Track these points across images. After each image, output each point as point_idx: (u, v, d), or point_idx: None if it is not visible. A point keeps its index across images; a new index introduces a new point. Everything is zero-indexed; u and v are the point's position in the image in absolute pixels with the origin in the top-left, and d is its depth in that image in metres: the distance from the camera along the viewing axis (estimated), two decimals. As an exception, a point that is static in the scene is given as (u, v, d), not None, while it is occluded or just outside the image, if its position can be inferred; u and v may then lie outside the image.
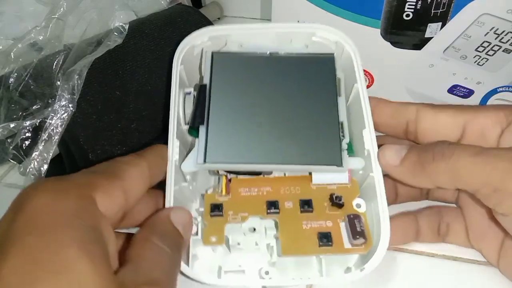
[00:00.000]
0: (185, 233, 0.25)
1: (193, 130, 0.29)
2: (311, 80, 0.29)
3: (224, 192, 0.28)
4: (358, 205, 0.27)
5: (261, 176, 0.29)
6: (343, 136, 0.28)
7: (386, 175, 0.28)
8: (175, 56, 0.30)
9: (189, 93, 0.30)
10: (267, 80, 0.29)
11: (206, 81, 0.29)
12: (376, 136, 0.28)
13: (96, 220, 0.19)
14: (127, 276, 0.19)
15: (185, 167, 0.28)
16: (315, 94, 0.29)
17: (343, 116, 0.29)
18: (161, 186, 0.27)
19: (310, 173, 0.28)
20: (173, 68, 0.30)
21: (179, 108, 0.29)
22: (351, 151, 0.29)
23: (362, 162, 0.28)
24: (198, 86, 0.29)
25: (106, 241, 0.19)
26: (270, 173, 0.29)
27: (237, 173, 0.29)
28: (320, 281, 0.27)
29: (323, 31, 0.31)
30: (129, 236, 0.24)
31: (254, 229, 0.28)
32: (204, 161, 0.27)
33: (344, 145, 0.28)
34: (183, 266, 0.26)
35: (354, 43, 0.30)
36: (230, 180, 0.29)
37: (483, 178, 0.23)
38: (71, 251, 0.17)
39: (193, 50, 0.31)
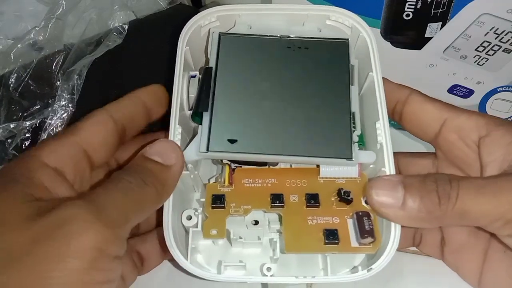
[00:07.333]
0: (166, 159, 0.24)
1: (197, 116, 0.27)
2: (323, 66, 0.28)
3: (226, 183, 0.27)
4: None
5: (266, 167, 0.28)
6: (354, 127, 0.27)
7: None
8: (180, 36, 0.29)
9: (194, 76, 0.29)
10: (277, 65, 0.28)
11: (212, 64, 0.28)
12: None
13: (29, 170, 0.22)
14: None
15: (187, 155, 0.26)
16: (327, 81, 0.28)
17: (355, 107, 0.27)
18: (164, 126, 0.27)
19: (318, 166, 0.27)
20: (178, 49, 0.28)
21: (183, 92, 0.28)
22: (362, 143, 0.28)
23: (373, 156, 0.27)
24: (203, 69, 0.28)
25: (34, 182, 0.22)
26: (276, 164, 0.28)
27: (241, 163, 0.28)
28: (325, 280, 0.26)
29: (338, 15, 0.29)
30: None
31: (257, 222, 0.27)
32: (207, 149, 0.26)
33: (355, 137, 0.26)
34: (181, 260, 0.24)
35: (370, 29, 0.29)
36: (233, 170, 0.27)
37: (491, 215, 0.23)
38: None
39: (200, 30, 0.30)
